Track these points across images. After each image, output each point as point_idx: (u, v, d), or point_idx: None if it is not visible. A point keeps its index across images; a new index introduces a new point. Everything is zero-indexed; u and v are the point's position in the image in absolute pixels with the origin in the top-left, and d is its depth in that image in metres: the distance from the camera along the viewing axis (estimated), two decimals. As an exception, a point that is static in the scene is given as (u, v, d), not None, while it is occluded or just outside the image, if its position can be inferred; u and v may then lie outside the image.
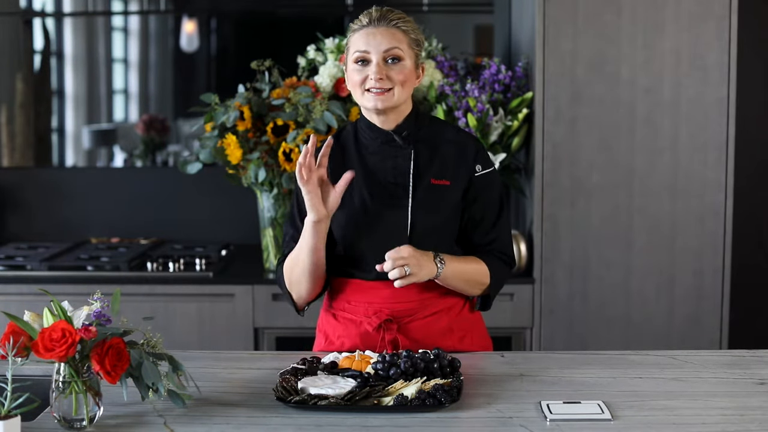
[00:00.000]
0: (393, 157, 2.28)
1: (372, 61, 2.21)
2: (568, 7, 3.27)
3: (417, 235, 2.24)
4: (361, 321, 2.28)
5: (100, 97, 4.18)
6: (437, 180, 2.27)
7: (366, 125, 2.30)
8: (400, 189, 2.26)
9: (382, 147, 2.29)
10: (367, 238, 2.26)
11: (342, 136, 2.35)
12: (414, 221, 2.24)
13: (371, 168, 2.28)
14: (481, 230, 2.32)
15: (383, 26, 2.22)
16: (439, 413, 1.85)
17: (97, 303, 1.83)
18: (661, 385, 2.04)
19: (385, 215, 2.25)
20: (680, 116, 3.30)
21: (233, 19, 4.18)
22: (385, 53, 2.20)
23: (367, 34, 2.22)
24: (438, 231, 2.28)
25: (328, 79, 3.41)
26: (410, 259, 2.15)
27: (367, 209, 2.25)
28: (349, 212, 2.26)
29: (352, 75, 2.25)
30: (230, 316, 3.35)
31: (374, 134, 2.29)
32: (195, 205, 4.00)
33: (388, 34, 2.21)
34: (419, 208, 2.25)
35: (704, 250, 3.33)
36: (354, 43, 2.24)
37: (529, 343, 3.37)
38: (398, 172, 2.27)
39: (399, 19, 2.24)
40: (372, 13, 2.24)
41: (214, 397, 1.96)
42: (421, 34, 2.29)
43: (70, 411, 1.78)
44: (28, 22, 4.10)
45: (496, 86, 3.41)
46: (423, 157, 2.28)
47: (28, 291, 3.30)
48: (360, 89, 2.24)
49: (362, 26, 2.24)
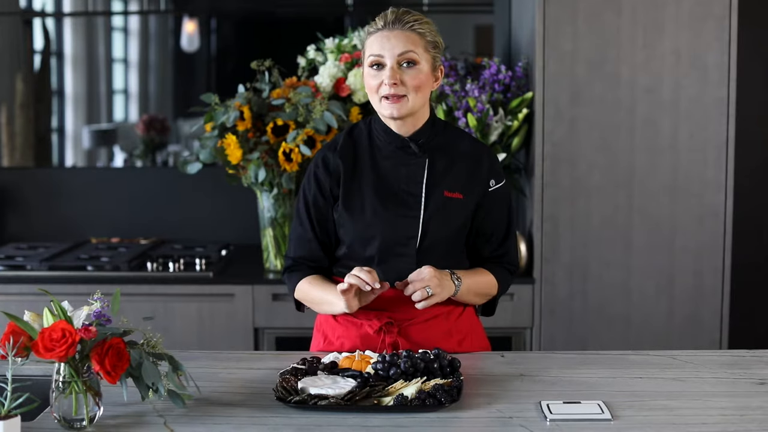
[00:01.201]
0: (407, 164, 2.25)
1: (386, 65, 2.17)
2: (568, 7, 3.27)
3: (426, 245, 2.24)
4: (362, 323, 2.28)
5: (100, 97, 4.18)
6: (450, 193, 2.25)
7: (381, 128, 2.26)
8: (412, 198, 2.24)
9: (396, 152, 2.26)
10: (376, 245, 2.24)
11: (355, 132, 2.32)
12: (424, 232, 2.23)
13: (383, 173, 2.25)
14: (491, 243, 2.33)
15: (398, 29, 2.17)
16: (439, 413, 1.85)
17: (97, 303, 1.83)
18: (661, 385, 2.04)
19: (396, 224, 2.23)
20: (680, 116, 3.30)
21: (233, 19, 4.18)
22: (399, 57, 2.16)
23: (382, 37, 2.18)
24: (447, 243, 2.27)
25: (328, 79, 3.41)
26: (432, 280, 2.15)
27: (378, 216, 2.23)
28: (359, 218, 2.24)
29: (367, 79, 2.21)
30: (230, 316, 3.35)
31: (389, 138, 2.26)
32: (195, 205, 4.00)
33: (403, 37, 2.17)
34: (431, 219, 2.23)
35: (704, 250, 3.33)
36: (369, 46, 2.20)
37: (529, 343, 3.37)
38: (411, 180, 2.24)
39: (415, 21, 2.18)
40: (387, 16, 2.19)
41: (214, 397, 1.96)
42: (439, 35, 2.24)
43: (70, 411, 1.78)
44: (28, 22, 4.10)
45: (496, 86, 3.41)
46: (437, 167, 2.26)
47: (28, 291, 3.30)
48: (377, 95, 2.20)
49: (377, 29, 2.19)
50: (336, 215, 2.28)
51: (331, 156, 2.29)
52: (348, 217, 2.24)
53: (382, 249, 2.23)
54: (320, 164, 2.29)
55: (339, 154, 2.28)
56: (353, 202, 2.24)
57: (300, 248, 2.32)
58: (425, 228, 2.23)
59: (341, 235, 2.28)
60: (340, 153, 2.28)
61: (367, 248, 2.25)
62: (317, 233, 2.30)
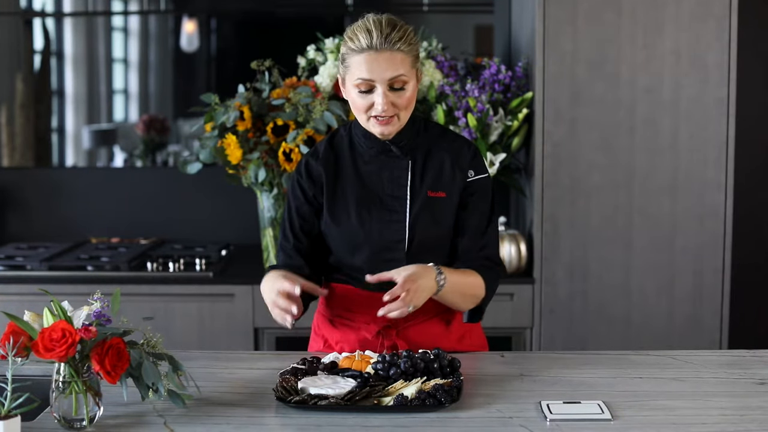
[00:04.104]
0: (389, 167, 2.23)
1: (377, 89, 2.12)
2: (568, 7, 3.27)
3: (415, 248, 2.22)
4: (360, 327, 2.27)
5: (100, 97, 4.18)
6: (434, 192, 2.23)
7: (362, 133, 2.24)
8: (397, 202, 2.22)
9: (378, 156, 2.24)
10: (364, 252, 2.22)
11: (335, 140, 2.29)
12: (412, 235, 2.21)
13: (366, 179, 2.23)
14: (470, 236, 2.26)
15: (387, 50, 2.10)
16: (439, 413, 1.85)
17: (97, 303, 1.83)
18: (661, 385, 2.04)
19: (383, 230, 2.21)
20: (680, 116, 3.30)
21: (233, 19, 4.18)
22: (390, 81, 2.12)
23: (370, 60, 2.10)
24: (435, 244, 2.25)
25: (328, 79, 3.41)
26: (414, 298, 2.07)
27: (364, 224, 2.21)
28: (345, 227, 2.22)
29: (355, 99, 2.15)
30: (230, 316, 3.35)
31: (370, 143, 2.23)
32: (195, 205, 4.00)
33: (391, 60, 2.10)
34: (417, 222, 2.21)
35: (704, 250, 3.33)
36: (355, 67, 2.12)
37: (529, 343, 3.37)
38: (395, 183, 2.23)
39: (400, 39, 2.11)
40: (373, 34, 2.10)
41: (214, 397, 1.96)
42: (417, 41, 2.18)
43: (70, 411, 1.78)
44: (28, 22, 4.10)
45: (496, 86, 3.41)
46: (419, 166, 2.24)
47: (28, 291, 3.30)
48: (365, 115, 2.16)
49: (362, 48, 2.11)
50: (322, 225, 2.26)
51: (314, 164, 2.26)
52: (334, 226, 2.22)
53: (370, 256, 2.21)
54: (303, 172, 2.26)
55: (321, 162, 2.25)
56: (338, 211, 2.22)
57: (283, 258, 2.29)
58: (412, 230, 2.21)
59: (329, 243, 2.26)
60: (322, 161, 2.25)
61: (355, 256, 2.23)
62: (299, 242, 2.27)
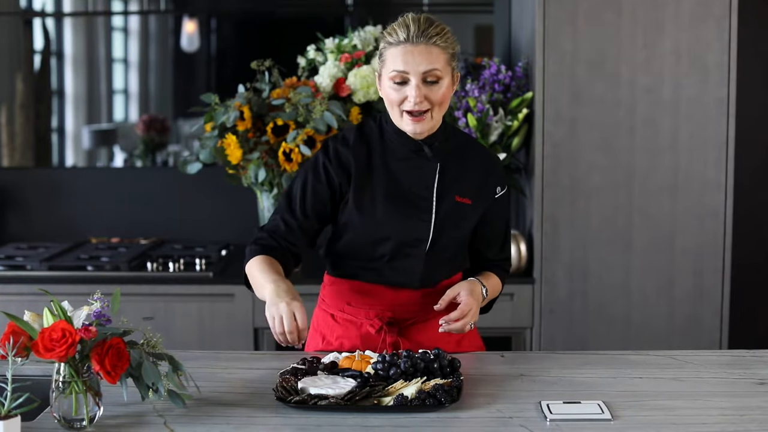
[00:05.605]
0: (419, 167, 2.23)
1: (410, 82, 2.13)
2: (568, 7, 3.27)
3: (436, 249, 2.24)
4: (362, 323, 2.28)
5: (100, 97, 4.18)
6: (461, 198, 2.24)
7: (394, 130, 2.23)
8: (424, 202, 2.23)
9: (409, 155, 2.23)
10: (388, 246, 2.23)
11: (365, 130, 2.27)
12: (436, 236, 2.23)
13: (395, 175, 2.23)
14: (494, 248, 2.37)
15: (422, 43, 2.11)
16: (439, 413, 1.85)
17: (97, 303, 1.83)
18: (661, 385, 2.04)
19: (407, 226, 2.22)
20: (680, 116, 3.30)
21: (233, 19, 4.18)
22: (424, 74, 2.12)
23: (405, 52, 2.11)
24: (453, 245, 2.28)
25: (328, 79, 3.41)
26: (475, 316, 2.21)
27: (390, 218, 2.21)
28: (369, 220, 2.22)
29: (389, 93, 2.16)
30: (230, 316, 3.35)
31: (402, 140, 2.23)
32: (195, 205, 4.00)
33: (427, 53, 2.11)
34: (442, 223, 2.23)
35: (704, 250, 3.33)
36: (391, 59, 2.14)
37: (529, 343, 3.37)
38: (423, 184, 2.23)
39: (437, 34, 2.12)
40: (410, 28, 2.12)
41: (214, 397, 1.96)
42: (457, 44, 2.19)
43: (70, 411, 1.78)
44: (28, 22, 4.10)
45: (496, 86, 3.41)
46: (449, 172, 2.25)
47: (28, 291, 3.30)
48: (398, 109, 2.16)
49: (399, 42, 2.12)
50: (343, 214, 2.25)
51: (344, 150, 2.23)
52: (359, 217, 2.22)
53: (391, 250, 2.23)
54: (332, 157, 2.23)
55: (352, 150, 2.23)
56: (364, 202, 2.21)
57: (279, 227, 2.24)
58: (437, 232, 2.23)
59: (349, 232, 2.25)
60: (353, 150, 2.23)
61: (377, 248, 2.24)
62: (308, 219, 2.24)
